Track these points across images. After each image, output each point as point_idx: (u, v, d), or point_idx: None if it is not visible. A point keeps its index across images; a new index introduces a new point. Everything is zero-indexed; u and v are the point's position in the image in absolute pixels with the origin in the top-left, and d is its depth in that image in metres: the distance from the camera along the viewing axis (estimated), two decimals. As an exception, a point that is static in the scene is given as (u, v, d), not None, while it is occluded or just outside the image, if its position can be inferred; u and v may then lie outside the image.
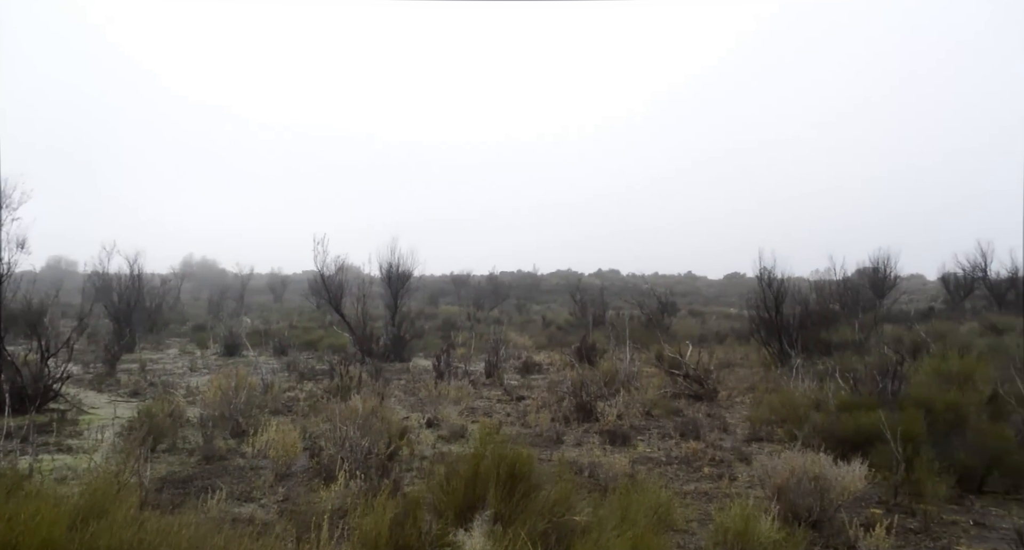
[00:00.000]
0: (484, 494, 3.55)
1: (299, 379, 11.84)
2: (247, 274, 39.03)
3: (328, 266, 15.76)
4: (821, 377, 9.73)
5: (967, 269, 26.02)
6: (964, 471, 5.46)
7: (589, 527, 3.46)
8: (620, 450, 7.06)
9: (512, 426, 8.36)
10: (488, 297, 35.67)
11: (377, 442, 5.94)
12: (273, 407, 8.90)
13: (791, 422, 7.53)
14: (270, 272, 50.07)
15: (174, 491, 5.47)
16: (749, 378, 11.54)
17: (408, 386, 11.20)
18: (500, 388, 11.24)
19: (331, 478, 5.18)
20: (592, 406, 8.62)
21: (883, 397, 7.25)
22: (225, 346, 16.19)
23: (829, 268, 21.37)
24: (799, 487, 4.68)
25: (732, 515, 3.85)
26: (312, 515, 4.13)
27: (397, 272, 16.66)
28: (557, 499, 3.62)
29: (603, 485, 5.40)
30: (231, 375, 8.39)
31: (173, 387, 10.81)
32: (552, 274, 53.07)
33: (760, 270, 13.95)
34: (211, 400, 8.01)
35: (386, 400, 8.70)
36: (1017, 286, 24.93)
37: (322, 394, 9.73)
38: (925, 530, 4.69)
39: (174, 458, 6.61)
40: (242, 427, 7.48)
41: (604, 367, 11.25)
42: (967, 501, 5.39)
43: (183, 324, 24.11)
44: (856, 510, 5.05)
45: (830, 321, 14.51)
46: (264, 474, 5.99)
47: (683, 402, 9.84)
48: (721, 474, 6.19)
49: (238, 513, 4.91)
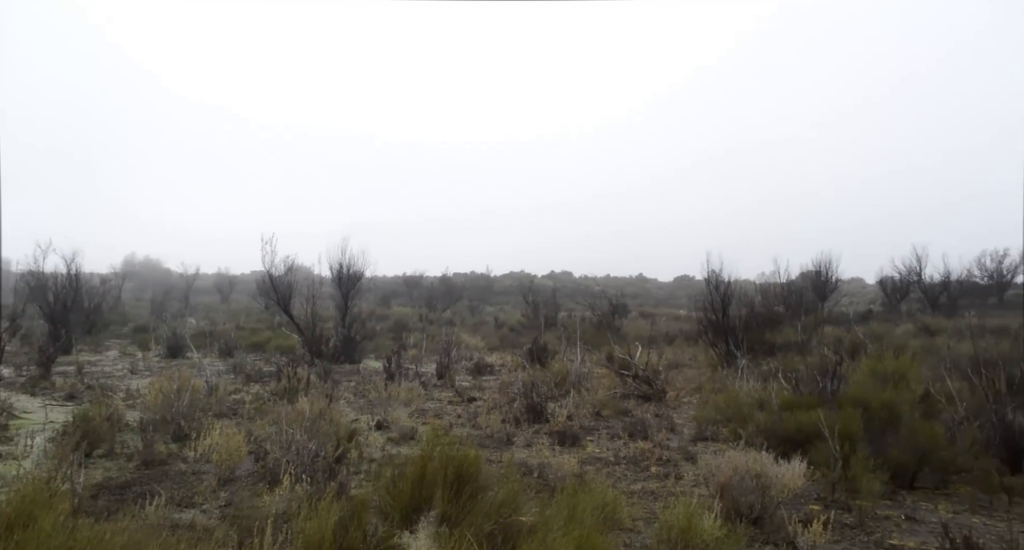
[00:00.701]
0: (431, 496, 3.53)
1: (245, 381, 11.57)
2: (192, 274, 38.06)
3: (277, 266, 15.46)
4: (765, 377, 10.00)
5: (903, 273, 27.13)
6: (897, 468, 5.67)
7: (535, 527, 3.47)
8: (569, 450, 7.12)
9: (463, 427, 8.34)
10: (441, 298, 35.58)
11: (325, 445, 5.84)
12: (218, 410, 8.67)
13: (736, 421, 7.71)
14: (217, 272, 48.91)
15: (110, 497, 5.29)
16: (696, 378, 11.76)
17: (358, 388, 11.06)
18: (451, 389, 11.20)
19: (276, 482, 5.08)
20: (543, 407, 8.66)
21: (823, 396, 7.48)
22: (168, 348, 15.72)
23: (774, 271, 21.98)
24: (741, 485, 4.80)
25: (676, 513, 3.92)
26: (255, 520, 4.04)
27: (348, 273, 16.43)
28: (504, 500, 3.62)
29: (552, 485, 5.43)
30: (173, 377, 8.15)
31: (112, 390, 10.43)
32: (505, 275, 53.18)
33: (708, 273, 14.25)
34: (152, 403, 7.76)
35: (335, 402, 8.58)
36: (949, 290, 26.12)
37: (269, 396, 9.54)
38: (860, 525, 4.86)
39: (111, 463, 6.38)
40: (184, 431, 7.27)
41: (555, 368, 11.34)
42: (900, 496, 5.59)
43: (124, 325, 23.30)
44: (795, 506, 5.20)
45: (774, 323, 14.90)
46: (207, 479, 5.83)
47: (632, 402, 9.97)
48: (668, 473, 6.29)
49: (178, 519, 4.77)
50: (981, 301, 27.74)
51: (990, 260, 28.98)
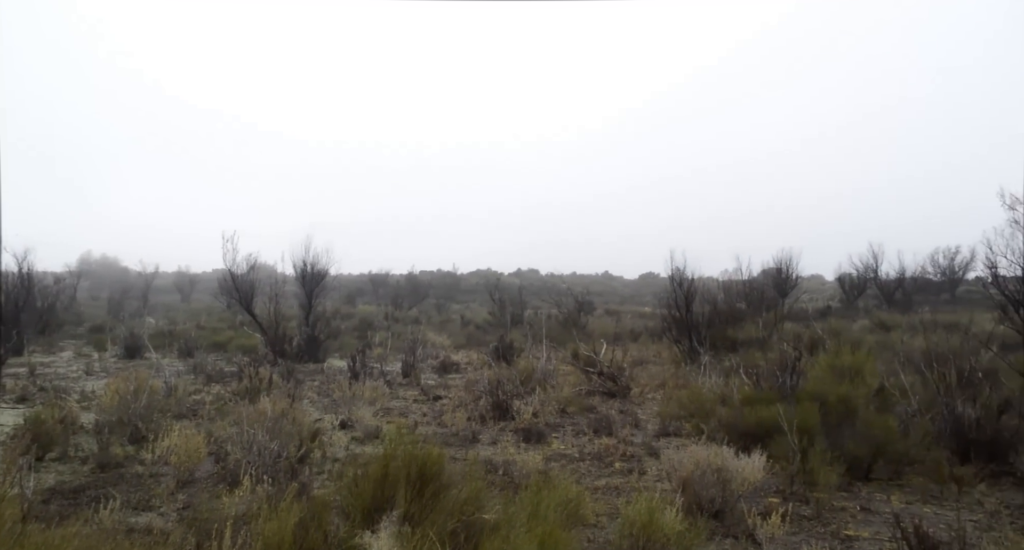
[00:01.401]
0: (393, 495, 3.51)
1: (206, 382, 11.35)
2: (151, 272, 37.21)
3: (239, 264, 15.20)
4: (727, 373, 10.16)
5: (860, 270, 27.82)
6: (853, 460, 5.82)
7: (499, 525, 3.47)
8: (535, 448, 7.14)
9: (428, 426, 8.31)
10: (407, 296, 35.35)
11: (287, 445, 5.77)
12: (177, 411, 8.50)
13: (699, 417, 7.83)
14: (177, 270, 47.89)
15: (63, 502, 5.15)
16: (661, 375, 11.89)
17: (322, 387, 10.93)
18: (417, 388, 11.14)
19: (236, 483, 4.99)
20: (508, 405, 8.67)
21: (782, 391, 7.63)
22: (125, 348, 15.34)
23: (737, 268, 22.34)
24: (703, 479, 4.87)
25: (638, 508, 3.96)
26: (214, 522, 3.96)
27: (312, 271, 16.22)
28: (468, 498, 3.62)
29: (516, 483, 5.44)
30: (130, 378, 7.96)
31: (66, 392, 10.14)
32: (472, 274, 53.05)
33: (672, 270, 14.42)
34: (108, 405, 7.57)
35: (298, 402, 8.49)
36: (904, 286, 26.87)
37: (230, 397, 9.37)
38: (817, 516, 4.97)
39: (65, 467, 6.21)
40: (142, 433, 7.10)
41: (521, 366, 11.34)
42: (855, 488, 5.74)
43: (79, 325, 22.65)
44: (755, 499, 5.30)
45: (736, 319, 15.15)
46: (165, 481, 5.71)
47: (597, 399, 10.04)
48: (631, 469, 6.36)
49: (134, 523, 4.67)
50: (934, 297, 28.58)
51: (943, 257, 29.94)
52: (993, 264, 7.97)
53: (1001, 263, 7.88)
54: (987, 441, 6.05)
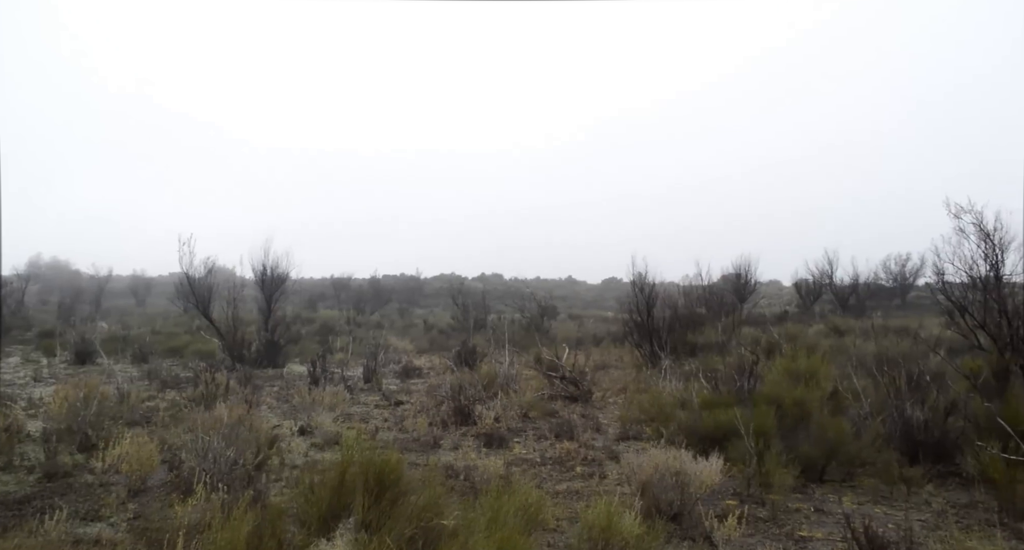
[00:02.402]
0: (350, 502, 3.47)
1: (161, 388, 11.07)
2: (105, 276, 36.21)
3: (196, 268, 14.89)
4: (687, 377, 10.28)
5: (816, 276, 28.46)
6: (807, 462, 5.93)
7: (458, 530, 3.46)
8: (496, 452, 7.13)
9: (389, 431, 8.23)
10: (370, 301, 35.05)
11: (244, 452, 5.65)
12: (129, 418, 8.26)
13: (659, 420, 7.91)
14: (132, 274, 46.69)
15: (7, 513, 4.95)
16: (622, 379, 11.98)
17: (281, 393, 10.76)
18: (379, 393, 11.03)
19: (190, 492, 4.88)
20: (470, 409, 8.64)
21: (740, 395, 7.75)
22: (76, 354, 14.85)
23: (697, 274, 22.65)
24: (662, 482, 4.92)
25: (597, 512, 3.98)
26: (166, 532, 3.86)
27: (272, 274, 15.98)
28: (426, 504, 3.59)
29: (477, 488, 5.42)
30: (81, 384, 7.72)
31: (11, 399, 9.78)
32: (435, 278, 52.86)
33: (634, 275, 14.56)
34: (56, 412, 7.33)
35: (256, 408, 8.35)
36: (858, 291, 27.59)
37: (185, 403, 9.15)
38: (773, 518, 5.06)
39: (9, 477, 5.99)
40: (92, 440, 6.89)
41: (483, 370, 11.32)
42: (810, 490, 5.85)
43: (27, 330, 21.90)
44: (713, 502, 5.36)
45: (697, 324, 15.36)
46: (116, 490, 5.54)
47: (559, 403, 10.07)
48: (592, 473, 6.38)
49: (82, 534, 4.51)
50: (886, 302, 29.43)
51: (894, 264, 30.81)
52: (941, 271, 8.23)
53: (948, 270, 8.14)
54: (935, 443, 6.23)
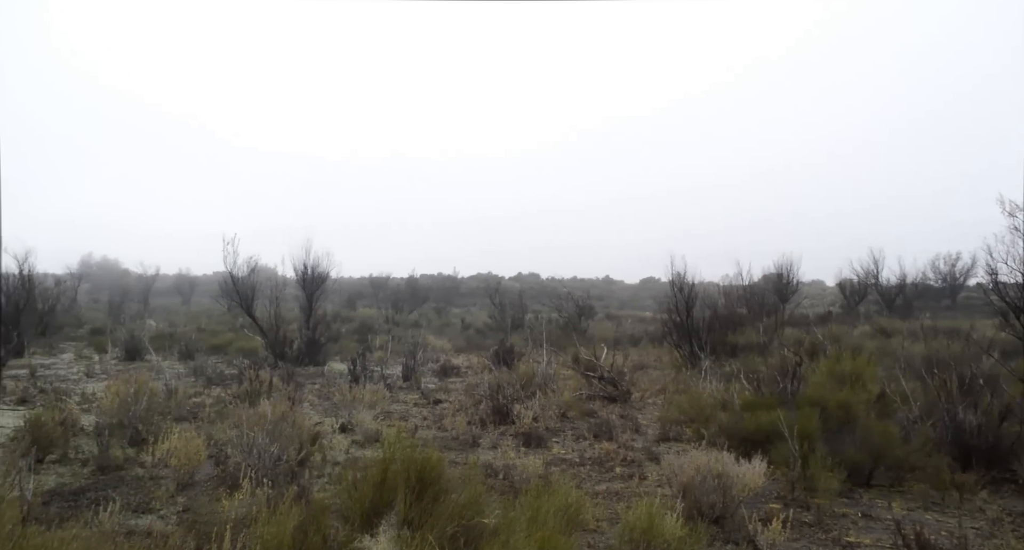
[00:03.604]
0: (392, 498, 3.50)
1: (206, 384, 11.34)
2: (152, 275, 37.19)
3: (239, 267, 15.20)
4: (728, 378, 10.14)
5: (861, 276, 27.77)
6: (853, 466, 5.80)
7: (498, 529, 3.46)
8: (535, 452, 7.13)
9: (428, 429, 8.30)
10: (407, 300, 35.34)
11: (287, 448, 5.76)
12: (177, 414, 8.49)
13: (699, 422, 7.81)
14: (178, 273, 47.90)
15: (63, 504, 5.14)
16: (661, 380, 11.88)
17: (322, 390, 10.93)
18: (417, 392, 11.13)
19: (236, 486, 4.98)
20: (509, 409, 8.66)
21: (783, 397, 7.62)
22: (126, 350, 15.31)
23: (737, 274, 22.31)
24: (703, 484, 4.86)
25: (638, 513, 3.95)
26: (214, 525, 3.95)
27: (312, 274, 16.23)
28: (467, 502, 3.60)
29: (516, 487, 5.43)
30: (131, 380, 7.95)
31: (66, 394, 10.14)
32: (472, 277, 53.04)
33: (673, 275, 14.40)
34: (108, 407, 7.56)
35: (298, 405, 8.49)
36: (905, 292, 26.85)
37: (230, 399, 9.36)
38: (818, 523, 4.95)
39: (65, 469, 6.20)
40: (142, 435, 7.09)
41: (521, 370, 11.34)
42: (856, 494, 5.72)
43: (80, 327, 22.65)
44: (756, 505, 5.28)
45: (737, 324, 15.15)
46: (165, 484, 5.70)
47: (598, 404, 10.03)
48: (632, 474, 6.34)
49: (134, 525, 4.66)
50: (935, 303, 28.58)
51: (943, 263, 29.92)
52: (994, 270, 7.94)
53: (1002, 269, 7.84)
54: (988, 448, 6.04)
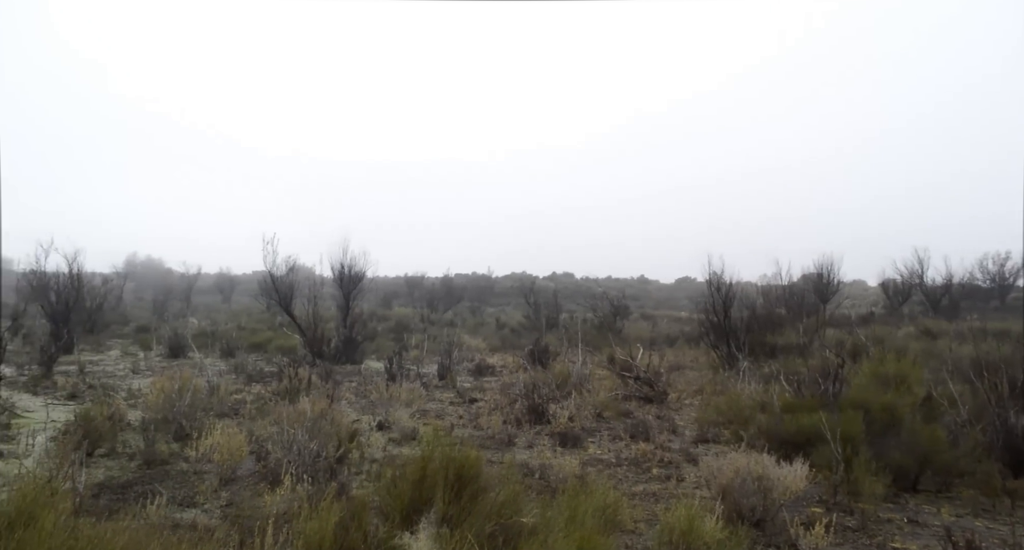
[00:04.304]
0: (431, 496, 3.53)
1: (247, 381, 11.57)
2: (194, 274, 38.04)
3: (278, 266, 15.47)
4: (767, 379, 9.99)
5: (905, 276, 27.06)
6: (899, 470, 5.66)
7: (537, 528, 3.46)
8: (571, 452, 7.11)
9: (464, 428, 8.34)
10: (442, 299, 35.55)
11: (326, 445, 5.84)
12: (219, 410, 8.67)
13: (737, 423, 7.71)
14: (218, 272, 48.87)
15: (112, 497, 5.29)
16: (698, 380, 11.75)
17: (359, 388, 11.05)
18: (453, 390, 11.19)
19: (277, 482, 5.08)
20: (544, 408, 8.65)
21: (824, 399, 7.46)
22: (170, 348, 15.71)
23: (776, 273, 21.92)
24: (743, 487, 4.79)
25: (677, 515, 3.91)
26: (256, 520, 4.03)
27: (349, 273, 16.43)
28: (505, 501, 3.61)
29: (553, 487, 5.42)
30: (175, 377, 8.15)
31: (113, 389, 10.45)
32: (506, 277, 53.04)
33: (709, 275, 14.22)
34: (154, 403, 7.77)
35: (336, 402, 8.59)
36: (951, 292, 26.08)
37: (270, 396, 9.53)
38: (862, 528, 4.85)
39: (113, 463, 6.38)
40: (186, 430, 7.27)
41: (557, 369, 11.33)
42: (902, 499, 5.58)
43: (125, 325, 23.29)
44: (797, 509, 5.19)
45: (776, 325, 14.90)
46: (208, 478, 5.83)
47: (634, 404, 9.96)
48: (669, 475, 6.28)
49: (179, 519, 4.77)
50: (983, 304, 27.69)
51: (992, 263, 28.98)
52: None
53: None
54: (1042, 453, 5.84)
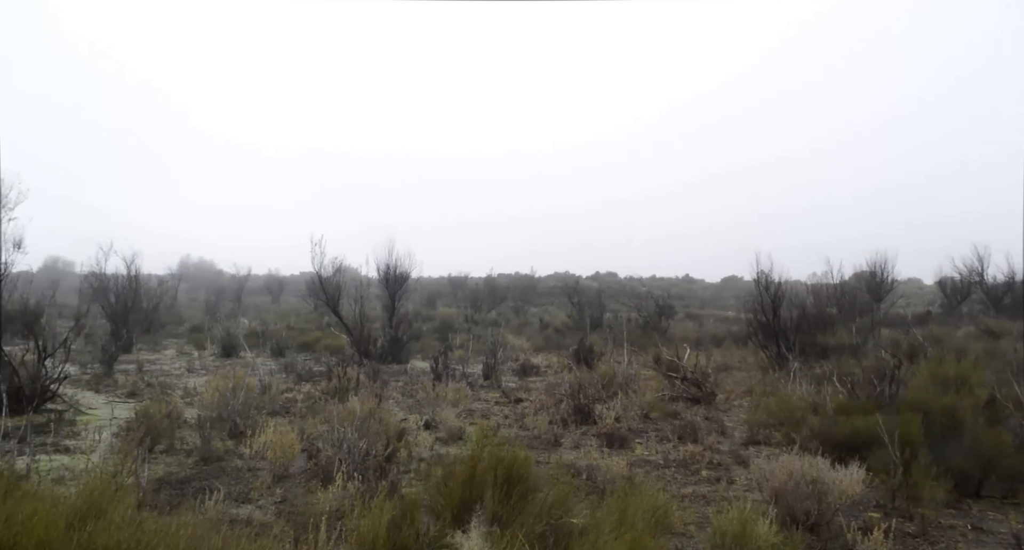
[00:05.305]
0: (481, 496, 3.55)
1: (297, 380, 11.81)
2: (244, 275, 38.97)
3: (326, 267, 15.76)
4: (818, 380, 9.75)
5: (964, 273, 26.07)
6: (961, 475, 5.46)
7: (586, 529, 3.45)
8: (618, 453, 7.06)
9: (510, 428, 8.36)
10: (485, 299, 35.66)
11: (375, 444, 5.93)
12: (271, 408, 8.88)
13: (788, 425, 7.54)
14: (267, 273, 49.98)
15: (171, 492, 5.46)
16: (746, 381, 11.54)
17: (406, 388, 11.18)
18: (498, 390, 11.23)
19: (329, 479, 5.17)
20: (590, 408, 8.61)
21: (880, 401, 7.26)
22: (222, 347, 16.15)
23: (826, 272, 21.39)
24: (797, 490, 4.68)
25: (730, 518, 3.85)
26: (310, 516, 4.12)
27: (395, 274, 16.64)
28: (554, 501, 3.61)
29: (601, 488, 5.39)
30: (228, 376, 8.38)
31: (170, 388, 10.79)
32: (549, 276, 52.93)
33: (757, 273, 13.95)
34: (209, 401, 8.00)
35: (384, 402, 8.70)
36: (1014, 290, 25.01)
37: (320, 395, 9.72)
38: (923, 534, 4.69)
39: (171, 459, 6.59)
40: (240, 428, 7.46)
41: (602, 370, 11.26)
42: (965, 505, 5.39)
43: (180, 325, 24.03)
44: (854, 514, 5.05)
45: (827, 325, 14.52)
46: (262, 475, 5.97)
47: (681, 405, 9.84)
48: (719, 477, 6.19)
49: (236, 514, 4.90)
50: (1048, 303, 26.49)
51: (1058, 259, 27.66)
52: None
53: None
54: (1116, 459, 5.56)
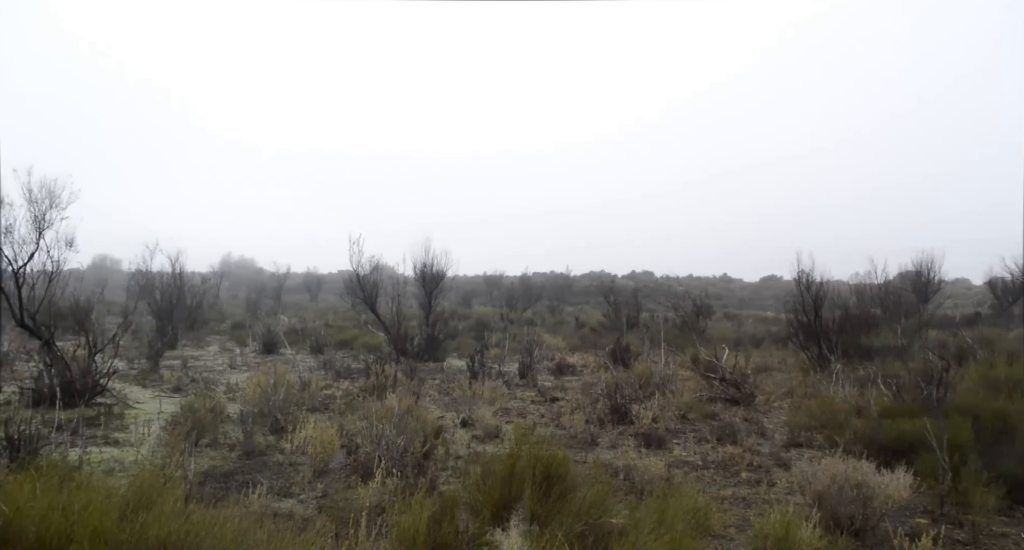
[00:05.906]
0: (520, 494, 3.56)
1: (335, 377, 11.98)
2: (284, 273, 39.62)
3: (363, 266, 15.94)
4: (862, 382, 9.54)
5: (1015, 273, 25.17)
6: (1014, 481, 5.28)
7: (626, 530, 3.44)
8: (655, 453, 7.01)
9: (546, 427, 8.35)
10: (520, 298, 35.66)
11: (413, 441, 5.99)
12: (311, 404, 9.03)
13: (831, 428, 7.39)
14: (306, 271, 50.73)
15: (216, 485, 5.59)
16: (787, 383, 11.34)
17: (442, 386, 11.26)
18: (534, 389, 11.23)
19: (368, 475, 5.24)
20: (627, 408, 8.56)
21: (927, 404, 7.07)
22: (263, 344, 16.46)
23: (870, 271, 20.88)
24: (841, 494, 4.59)
25: (772, 521, 3.80)
26: (350, 512, 4.18)
27: (431, 272, 16.75)
28: (593, 501, 3.60)
29: (639, 488, 5.36)
30: (270, 372, 8.54)
31: (214, 383, 11.04)
32: (584, 275, 52.67)
33: (798, 273, 13.68)
34: (250, 397, 8.17)
35: (421, 399, 8.79)
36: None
37: (358, 392, 9.85)
38: (974, 542, 4.56)
39: (216, 453, 6.75)
40: (281, 424, 7.60)
41: (638, 369, 11.19)
42: (1018, 513, 5.22)
43: (222, 322, 24.57)
44: (900, 519, 4.93)
45: (871, 325, 14.20)
46: (303, 470, 6.07)
47: (719, 406, 9.71)
48: (759, 479, 6.10)
49: (278, 508, 5.00)
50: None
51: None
52: None
53: None
54: None
